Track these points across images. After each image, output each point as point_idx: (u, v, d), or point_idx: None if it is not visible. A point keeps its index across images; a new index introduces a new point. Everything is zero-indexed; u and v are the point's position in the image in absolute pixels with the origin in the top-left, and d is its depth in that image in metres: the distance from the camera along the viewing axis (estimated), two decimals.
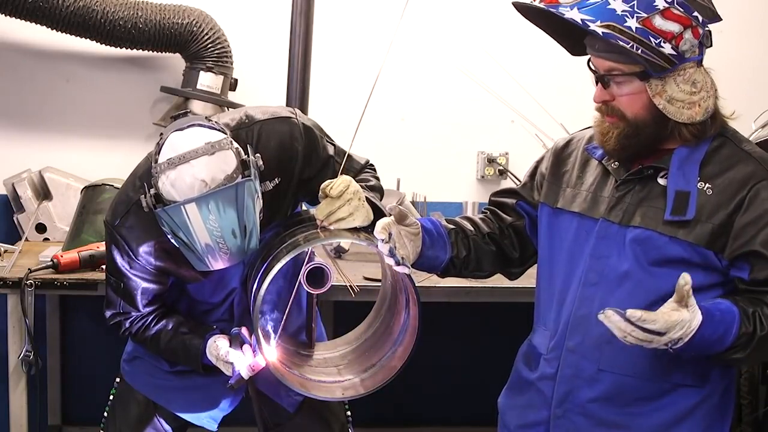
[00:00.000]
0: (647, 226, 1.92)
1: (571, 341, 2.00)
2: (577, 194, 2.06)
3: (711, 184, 1.89)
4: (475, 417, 2.70)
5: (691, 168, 1.91)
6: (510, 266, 2.24)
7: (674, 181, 1.91)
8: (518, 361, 2.19)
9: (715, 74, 1.96)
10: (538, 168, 2.20)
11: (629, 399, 1.96)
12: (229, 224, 2.01)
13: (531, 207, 2.19)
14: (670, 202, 1.90)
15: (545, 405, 2.06)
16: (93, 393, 3.39)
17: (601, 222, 1.98)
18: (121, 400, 2.57)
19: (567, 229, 2.05)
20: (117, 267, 2.28)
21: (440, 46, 3.95)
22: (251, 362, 2.18)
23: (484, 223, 2.20)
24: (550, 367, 2.04)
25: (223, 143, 2.05)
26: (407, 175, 3.91)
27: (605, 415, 1.98)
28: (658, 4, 1.82)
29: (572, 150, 2.14)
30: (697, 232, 1.87)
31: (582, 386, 1.99)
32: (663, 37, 1.83)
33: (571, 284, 2.02)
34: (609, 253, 1.96)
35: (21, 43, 3.77)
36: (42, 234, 3.65)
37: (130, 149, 3.65)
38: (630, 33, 1.81)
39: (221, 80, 3.67)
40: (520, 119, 3.46)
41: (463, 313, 3.83)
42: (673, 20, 1.83)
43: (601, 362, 1.96)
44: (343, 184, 2.07)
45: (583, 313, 1.98)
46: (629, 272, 1.93)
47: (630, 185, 1.97)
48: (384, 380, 2.24)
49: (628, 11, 1.81)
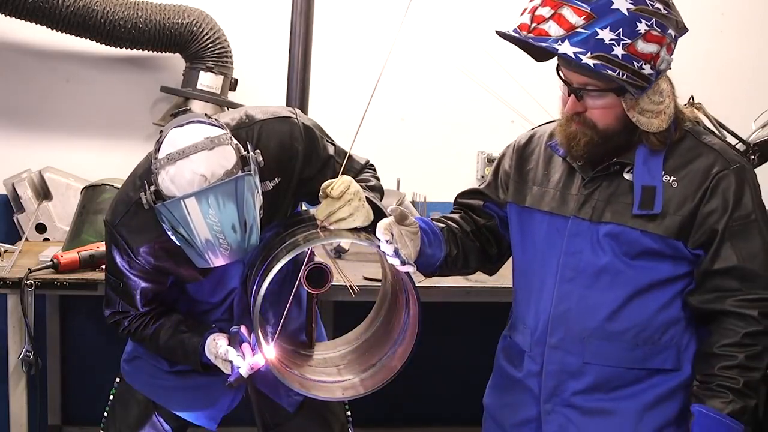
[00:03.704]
0: (618, 221, 1.97)
1: (553, 338, 2.05)
2: (545, 192, 2.09)
3: (675, 177, 1.95)
4: (475, 417, 2.70)
5: (655, 163, 1.96)
6: (490, 262, 2.30)
7: (640, 177, 1.96)
8: (499, 359, 2.23)
9: (715, 74, 1.97)
10: (500, 166, 2.24)
11: (613, 386, 2.01)
12: (229, 219, 2.01)
13: (498, 207, 2.24)
14: (637, 197, 1.95)
15: (534, 401, 2.09)
16: (93, 393, 3.39)
17: (572, 219, 2.02)
18: (121, 400, 2.57)
19: (538, 227, 2.10)
20: (116, 266, 2.28)
21: (440, 46, 3.95)
22: (250, 361, 2.18)
23: (464, 222, 2.25)
24: (535, 364, 2.08)
25: (222, 138, 2.05)
26: (407, 175, 3.92)
27: (593, 403, 2.03)
28: (640, 28, 1.85)
29: (534, 147, 2.18)
30: (666, 224, 1.93)
31: (568, 380, 2.04)
32: (644, 59, 1.86)
33: (546, 281, 2.06)
34: (582, 248, 2.00)
35: (21, 43, 3.77)
36: (42, 234, 3.65)
37: (130, 149, 3.65)
38: (617, 61, 1.84)
39: (221, 80, 3.67)
40: (520, 119, 3.44)
41: (463, 313, 3.84)
42: (653, 42, 1.87)
43: (585, 356, 2.01)
44: (344, 184, 2.07)
45: (562, 310, 2.03)
46: (607, 266, 1.98)
47: (597, 182, 2.01)
48: (384, 380, 2.24)
49: (615, 39, 1.84)
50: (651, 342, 1.98)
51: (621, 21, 1.83)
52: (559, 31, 1.86)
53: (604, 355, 2.00)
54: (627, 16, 1.84)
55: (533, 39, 1.89)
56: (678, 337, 1.98)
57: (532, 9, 1.90)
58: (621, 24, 1.83)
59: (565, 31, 1.85)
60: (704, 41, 3.96)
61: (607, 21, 1.83)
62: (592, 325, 1.99)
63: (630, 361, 1.99)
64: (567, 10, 1.85)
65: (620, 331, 1.98)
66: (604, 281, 1.98)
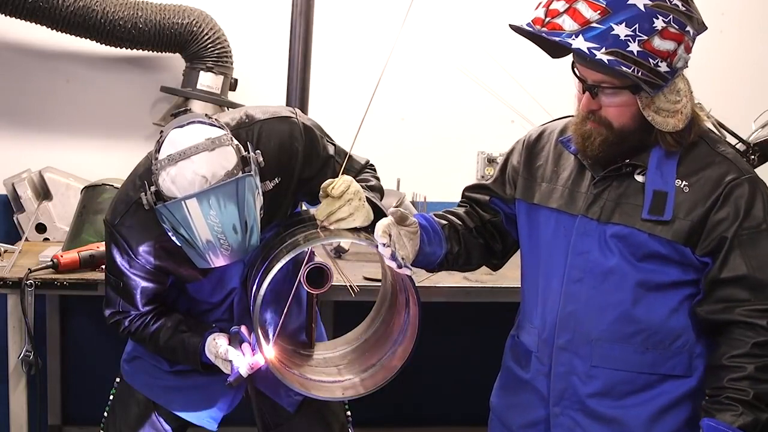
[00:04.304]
0: (626, 223, 1.94)
1: (560, 339, 2.02)
2: (553, 189, 2.06)
3: (687, 182, 1.91)
4: (475, 417, 2.70)
5: (669, 167, 1.93)
6: (494, 258, 2.27)
7: (652, 181, 1.93)
8: (507, 359, 2.20)
9: (716, 74, 1.97)
10: (508, 162, 2.21)
11: (623, 392, 1.98)
12: (230, 219, 2.01)
13: (504, 203, 2.21)
14: (647, 201, 1.92)
15: (543, 403, 2.07)
16: (93, 393, 3.39)
17: (580, 218, 1.99)
18: (121, 400, 2.57)
19: (545, 225, 2.07)
20: (116, 266, 2.28)
21: (440, 47, 3.95)
22: (250, 361, 2.18)
23: (469, 217, 2.23)
24: (543, 365, 2.06)
25: (223, 139, 2.05)
26: (407, 175, 3.91)
27: (602, 409, 2.00)
28: (657, 25, 1.82)
29: (545, 143, 2.14)
30: (675, 229, 1.90)
31: (577, 383, 2.01)
32: (660, 57, 1.83)
33: (553, 281, 2.03)
34: (590, 248, 1.97)
35: (21, 43, 3.77)
36: (42, 234, 3.65)
37: (130, 149, 3.65)
38: (632, 57, 1.81)
39: (221, 80, 3.67)
40: (520, 119, 3.44)
41: (463, 313, 3.84)
42: (670, 39, 1.84)
43: (593, 359, 1.98)
44: (344, 184, 2.07)
45: (570, 311, 2.00)
46: (615, 267, 1.95)
47: (607, 182, 1.98)
48: (384, 380, 2.24)
49: (630, 35, 1.81)
50: (662, 347, 1.94)
51: (637, 17, 1.80)
52: (573, 26, 1.83)
53: (612, 358, 1.96)
54: (644, 12, 1.80)
55: (546, 33, 1.86)
56: (691, 344, 1.94)
57: (546, 3, 1.87)
58: (637, 20, 1.80)
59: (579, 26, 1.82)
60: (704, 41, 3.96)
61: (623, 16, 1.80)
62: (600, 327, 1.96)
63: (640, 366, 1.95)
64: (582, 5, 1.82)
65: (629, 335, 1.95)
66: (611, 282, 1.95)
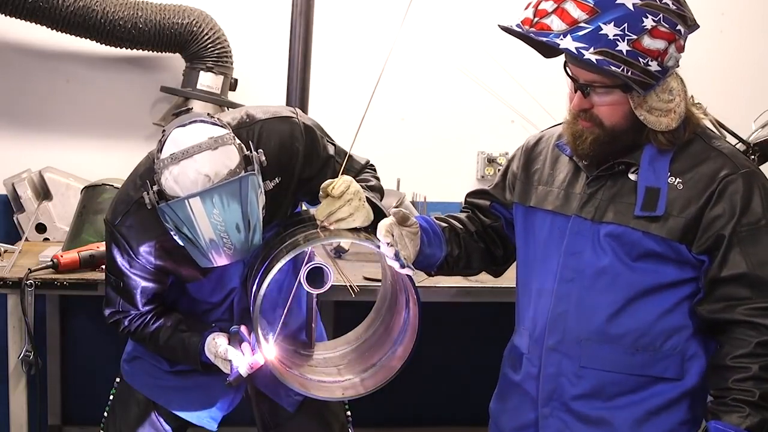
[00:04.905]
0: (620, 222, 1.93)
1: (550, 339, 2.01)
2: (549, 192, 2.07)
3: (681, 179, 1.90)
4: (475, 417, 2.70)
5: (662, 164, 1.92)
6: (495, 263, 2.27)
7: (645, 178, 1.92)
8: (504, 365, 2.20)
9: (715, 74, 1.96)
10: (509, 168, 2.21)
11: (611, 394, 1.97)
12: (233, 218, 2.01)
13: (504, 208, 2.21)
14: (640, 198, 1.91)
15: (532, 406, 2.06)
16: (93, 393, 3.39)
17: (573, 218, 1.99)
18: (121, 400, 2.57)
19: (541, 227, 2.07)
20: (117, 266, 2.28)
21: (440, 47, 3.95)
22: (250, 360, 2.18)
23: (470, 222, 2.23)
24: (533, 367, 2.06)
25: (225, 138, 2.05)
26: (407, 175, 3.91)
27: (590, 411, 1.99)
28: (647, 24, 1.81)
29: (542, 148, 2.15)
30: (669, 227, 1.88)
31: (565, 384, 2.00)
32: (650, 56, 1.82)
33: (546, 282, 2.03)
34: (583, 248, 1.97)
35: (21, 43, 3.77)
36: (42, 234, 3.65)
37: (130, 149, 3.65)
38: (621, 57, 1.80)
39: (221, 80, 3.67)
40: (520, 119, 3.45)
41: (463, 313, 3.84)
42: (660, 38, 1.83)
43: (582, 359, 1.98)
44: (344, 184, 2.07)
45: (560, 311, 2.00)
46: (607, 267, 1.94)
47: (601, 181, 1.98)
48: (384, 380, 2.24)
49: (619, 35, 1.80)
50: (652, 348, 1.93)
51: (626, 16, 1.80)
52: (561, 26, 1.82)
53: (601, 359, 1.95)
54: (633, 11, 1.80)
55: (535, 33, 1.85)
56: (682, 346, 1.93)
57: (536, 3, 1.87)
58: (626, 19, 1.80)
59: (567, 26, 1.82)
60: (704, 41, 3.97)
61: (612, 16, 1.80)
62: (590, 327, 1.95)
63: (629, 367, 1.94)
64: (570, 5, 1.82)
65: (618, 335, 1.94)
66: (603, 283, 1.94)
